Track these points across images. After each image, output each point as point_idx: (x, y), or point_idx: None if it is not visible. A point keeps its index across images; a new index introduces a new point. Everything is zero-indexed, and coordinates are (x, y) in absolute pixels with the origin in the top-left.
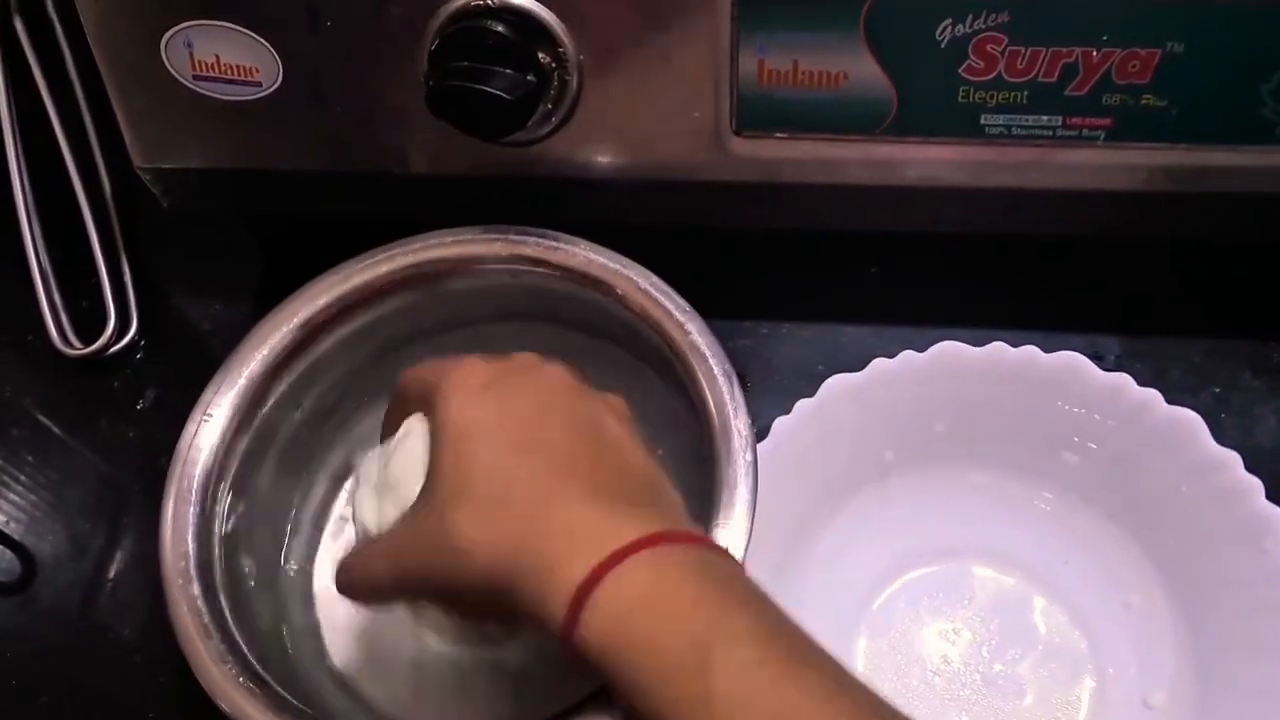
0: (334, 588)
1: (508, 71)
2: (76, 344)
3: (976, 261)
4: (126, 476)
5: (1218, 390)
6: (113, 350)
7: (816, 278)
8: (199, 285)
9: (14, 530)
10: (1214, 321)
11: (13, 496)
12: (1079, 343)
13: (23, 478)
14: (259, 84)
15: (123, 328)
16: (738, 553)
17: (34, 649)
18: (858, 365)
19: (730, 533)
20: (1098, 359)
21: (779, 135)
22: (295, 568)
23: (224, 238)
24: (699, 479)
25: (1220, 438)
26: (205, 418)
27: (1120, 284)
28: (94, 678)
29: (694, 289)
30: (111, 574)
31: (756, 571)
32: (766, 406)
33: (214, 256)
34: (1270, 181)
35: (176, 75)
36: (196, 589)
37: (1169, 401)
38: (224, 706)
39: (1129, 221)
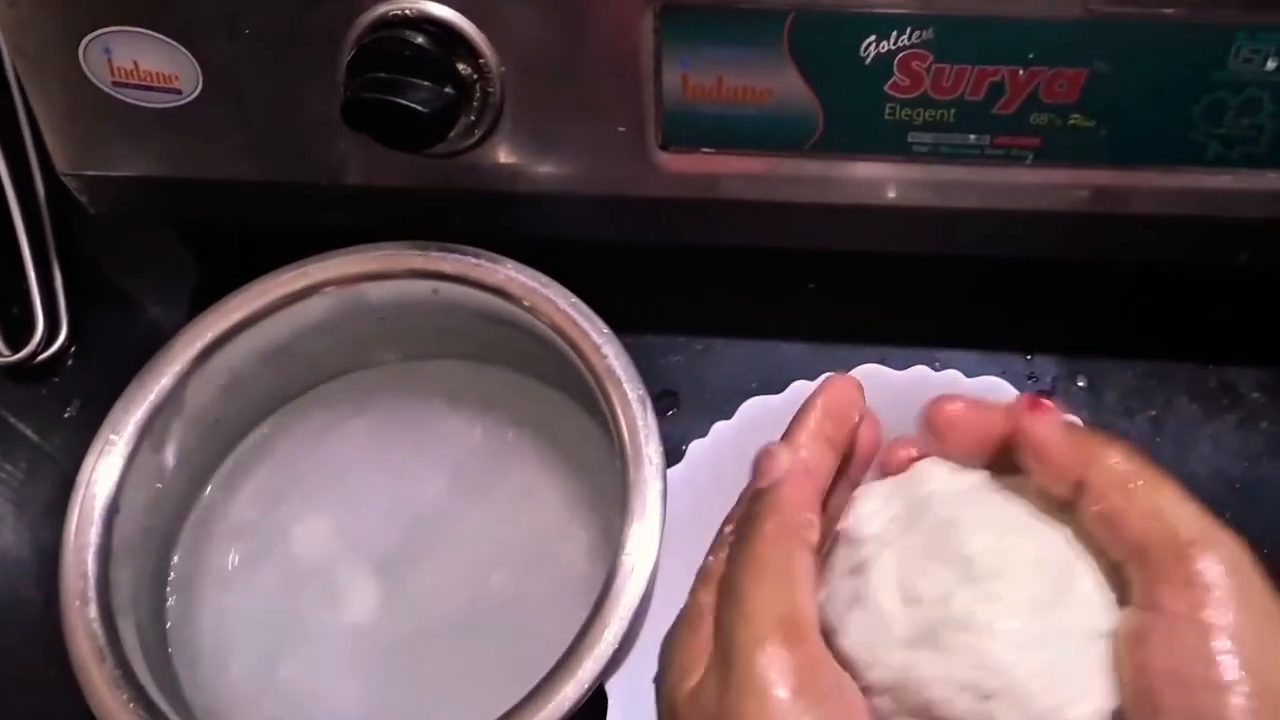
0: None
1: (425, 84)
2: (4, 351)
3: (916, 279)
4: (48, 486)
5: (1154, 413)
6: (41, 358)
7: (753, 294)
8: (131, 293)
9: None
10: (1152, 343)
11: None
12: (1017, 362)
13: None
14: (179, 91)
15: (51, 335)
16: (644, 578)
17: None
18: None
19: (636, 563)
20: (1034, 380)
21: (705, 151)
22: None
23: (158, 245)
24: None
25: (1156, 462)
26: (110, 441)
27: (1059, 303)
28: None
29: (627, 304)
30: (26, 590)
31: (665, 599)
32: (699, 424)
33: (147, 264)
34: (1201, 204)
35: (96, 82)
36: (94, 611)
37: (1103, 426)
38: None
39: (1059, 242)
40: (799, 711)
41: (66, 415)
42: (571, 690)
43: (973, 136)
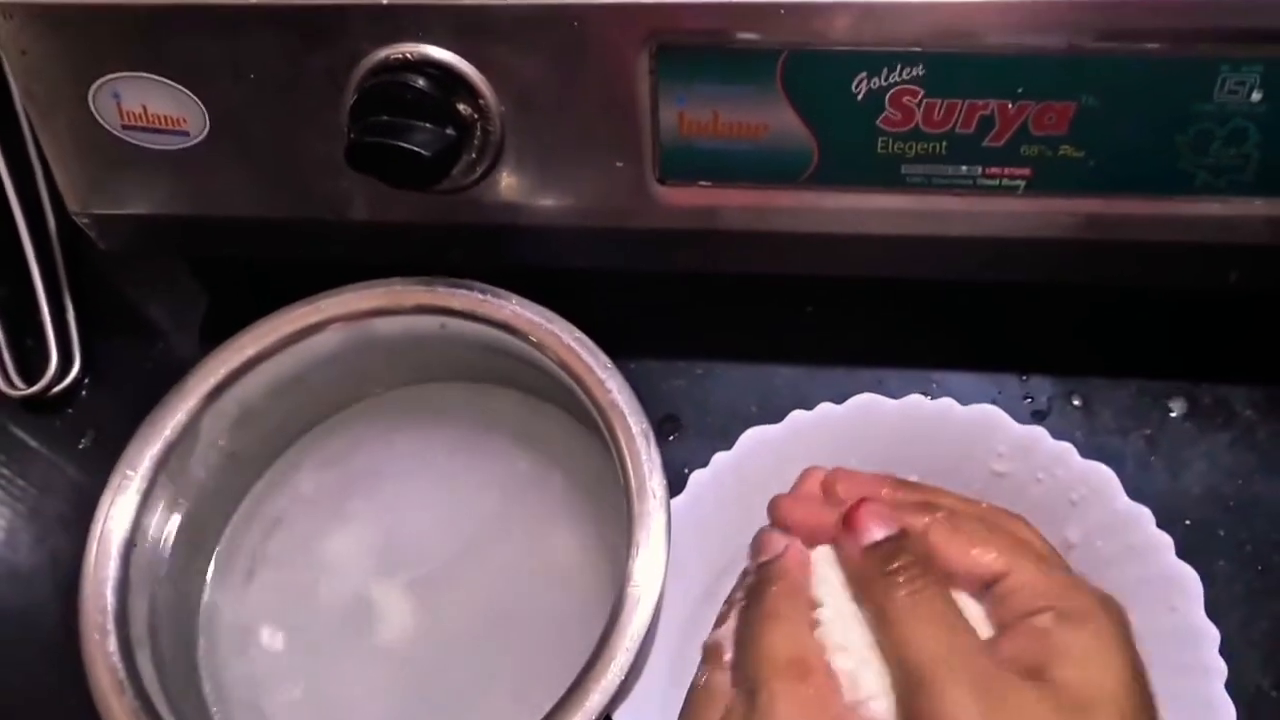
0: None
1: (427, 125)
2: (19, 384)
3: (913, 302)
4: (65, 517)
5: (1148, 432)
6: (55, 390)
7: (752, 318)
8: (143, 325)
9: None
10: (1146, 363)
11: None
12: (1012, 383)
13: None
14: (187, 133)
15: (65, 367)
16: (649, 609)
17: None
18: (792, 407)
19: (641, 594)
20: (1029, 400)
21: (702, 184)
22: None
23: (169, 278)
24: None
25: (1149, 481)
26: (128, 473)
27: (1054, 325)
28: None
29: (629, 331)
30: (46, 620)
31: (671, 627)
32: (700, 448)
33: (159, 296)
34: (1189, 230)
35: (106, 125)
36: (113, 644)
37: (1098, 445)
38: None
39: (1052, 268)
40: None
41: (81, 446)
42: None
43: (964, 168)
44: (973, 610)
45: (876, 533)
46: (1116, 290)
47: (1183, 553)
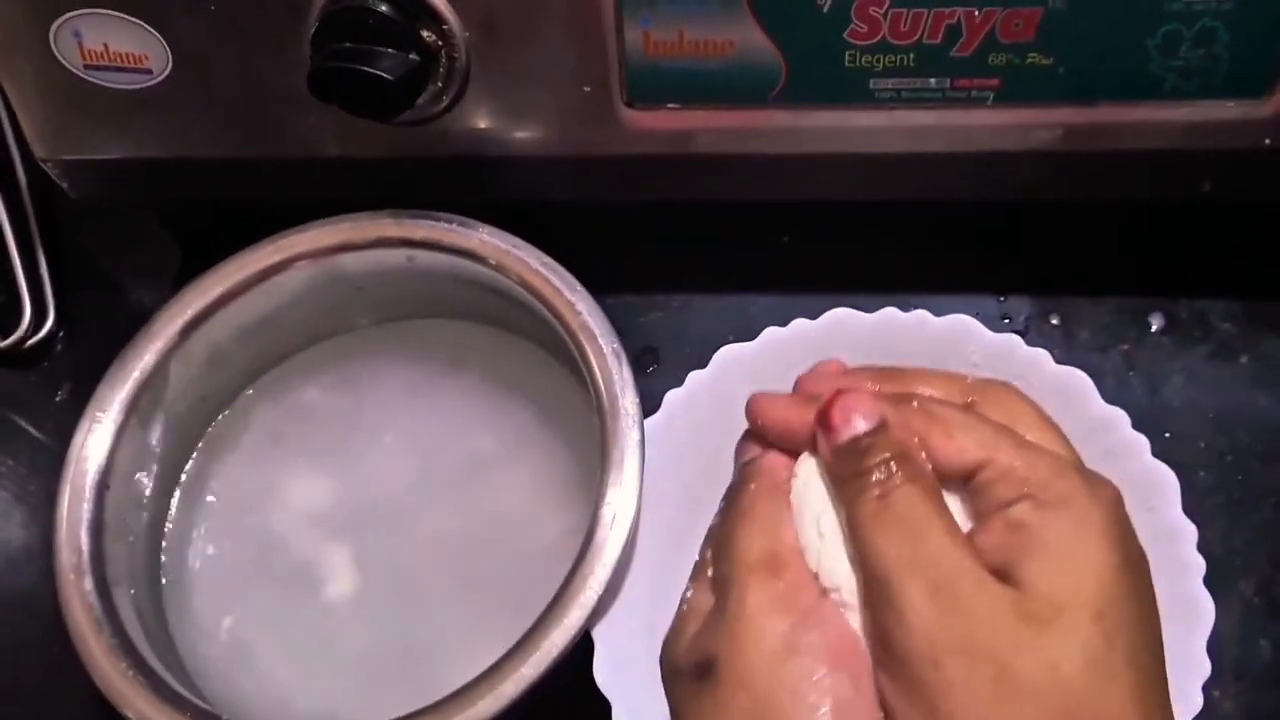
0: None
1: (390, 51)
2: None
3: (890, 227)
4: (42, 469)
5: (1126, 348)
6: (30, 343)
7: (728, 249)
8: (117, 276)
9: None
10: (1123, 280)
11: None
12: (990, 304)
13: None
14: (149, 71)
15: (39, 320)
16: (625, 526)
17: None
18: None
19: (617, 512)
20: (1007, 320)
21: (671, 106)
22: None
23: (142, 228)
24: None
25: (1128, 396)
26: (96, 418)
27: (1030, 244)
28: (13, 671)
29: (604, 263)
30: (26, 568)
31: (649, 547)
32: (679, 380)
33: (132, 247)
34: (1161, 137)
35: (68, 66)
36: (89, 584)
37: (1076, 361)
38: (114, 700)
39: (1025, 183)
40: (783, 628)
41: (58, 398)
42: (559, 637)
43: (933, 80)
44: (955, 506)
45: (855, 426)
46: (1091, 208)
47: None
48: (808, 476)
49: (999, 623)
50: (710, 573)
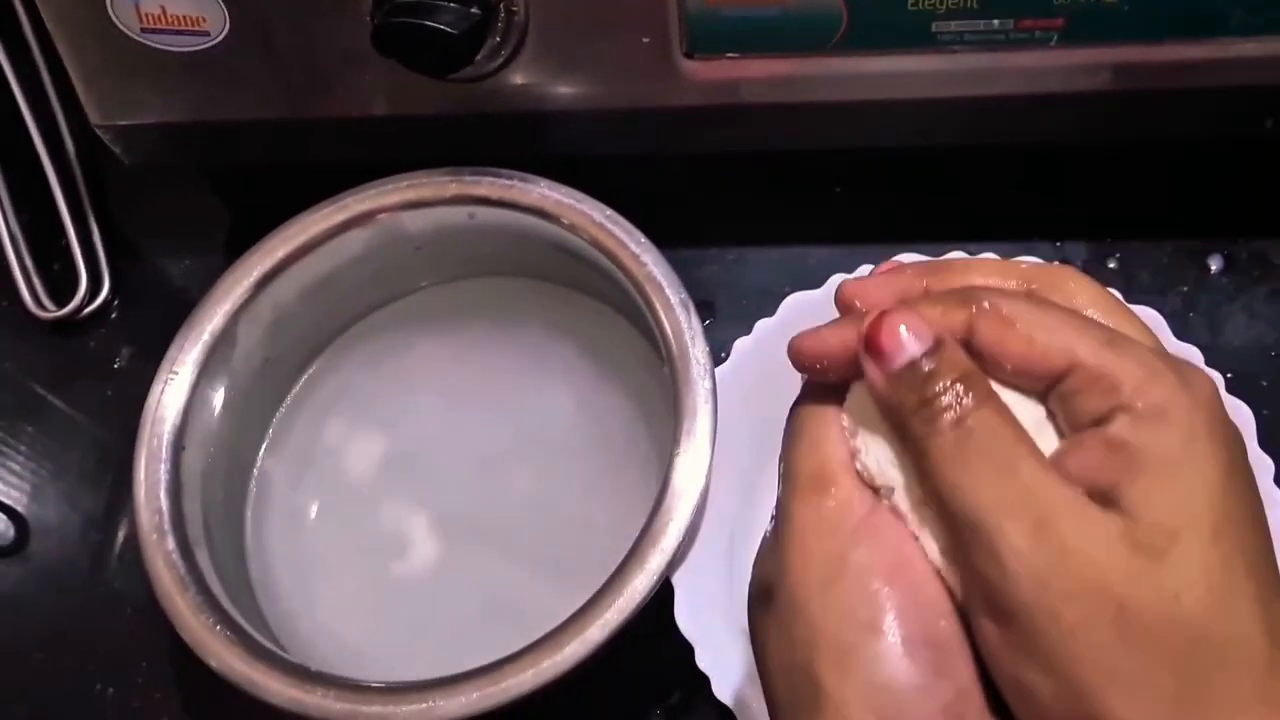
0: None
1: (452, 5)
2: (50, 306)
3: (942, 174)
4: (107, 435)
5: (1185, 289)
6: (86, 311)
7: (782, 200)
8: (169, 241)
9: (1, 493)
10: (1181, 222)
11: None
12: (1047, 250)
13: (6, 441)
14: (207, 33)
15: (95, 288)
16: (701, 474)
17: (30, 609)
18: None
19: (692, 460)
20: (1065, 265)
21: (730, 56)
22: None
23: (192, 192)
24: (664, 411)
25: (1189, 338)
26: (171, 375)
27: (1085, 189)
28: (87, 633)
29: (659, 218)
30: (99, 531)
31: (724, 495)
32: (735, 332)
33: (183, 212)
34: (1227, 74)
35: (125, 29)
36: (171, 543)
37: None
38: (202, 655)
39: (1087, 124)
40: (832, 548)
41: (116, 366)
42: (641, 583)
43: (996, 21)
44: (1032, 416)
45: (908, 349)
46: (1146, 150)
47: None
48: (863, 400)
49: (1112, 557)
50: None
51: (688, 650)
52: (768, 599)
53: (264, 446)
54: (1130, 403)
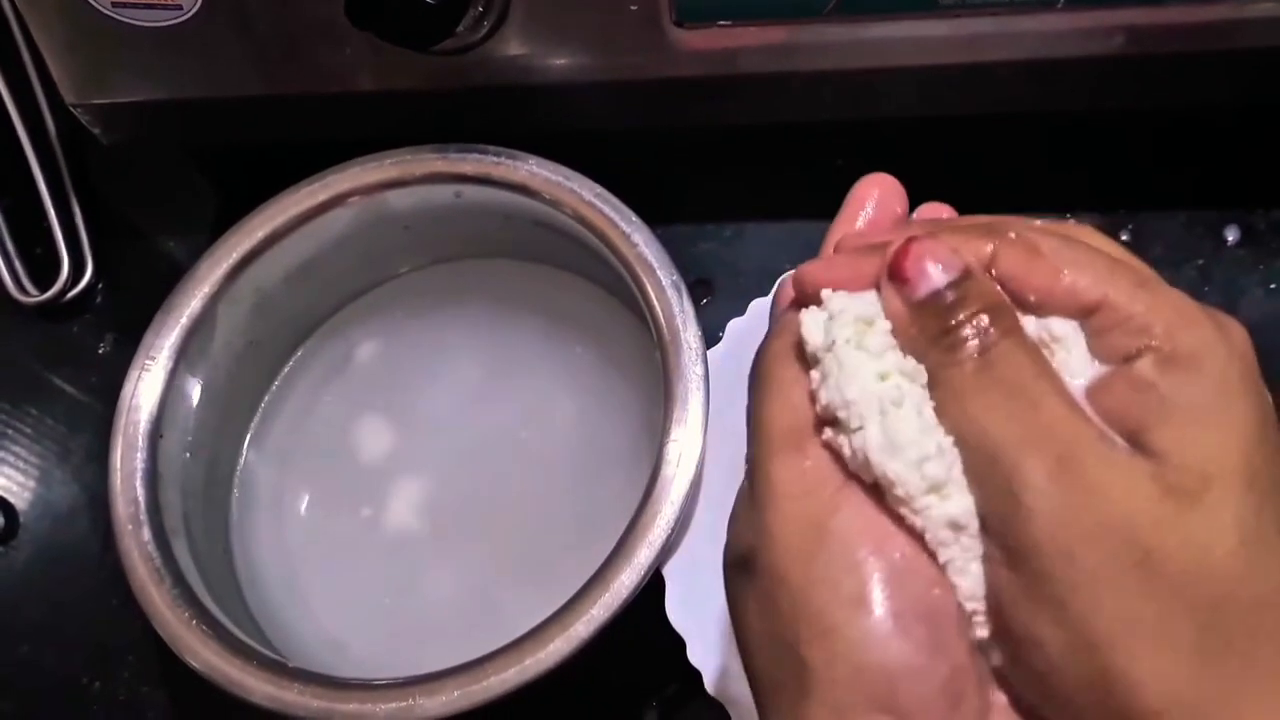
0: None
1: None
2: (33, 291)
3: (945, 145)
4: (90, 422)
5: (1201, 262)
6: (70, 295)
7: (780, 175)
8: (153, 224)
9: None
10: (1195, 192)
11: None
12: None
13: None
14: (179, 7)
15: (77, 272)
16: (692, 463)
17: (14, 602)
18: None
19: (684, 447)
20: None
21: (721, 24)
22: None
23: (176, 174)
24: (656, 393)
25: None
26: (148, 361)
27: (1096, 159)
28: (73, 626)
29: (654, 195)
30: (84, 522)
31: (718, 482)
32: (734, 311)
33: (166, 194)
34: (1236, 36)
35: (96, 4)
36: (147, 534)
37: None
38: (178, 650)
39: (1098, 91)
40: (812, 510)
41: (101, 351)
42: (629, 576)
43: None
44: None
45: (934, 277)
46: (1158, 118)
47: None
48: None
49: (1138, 500)
50: None
51: (679, 644)
52: (746, 566)
53: (249, 434)
54: (1162, 345)
